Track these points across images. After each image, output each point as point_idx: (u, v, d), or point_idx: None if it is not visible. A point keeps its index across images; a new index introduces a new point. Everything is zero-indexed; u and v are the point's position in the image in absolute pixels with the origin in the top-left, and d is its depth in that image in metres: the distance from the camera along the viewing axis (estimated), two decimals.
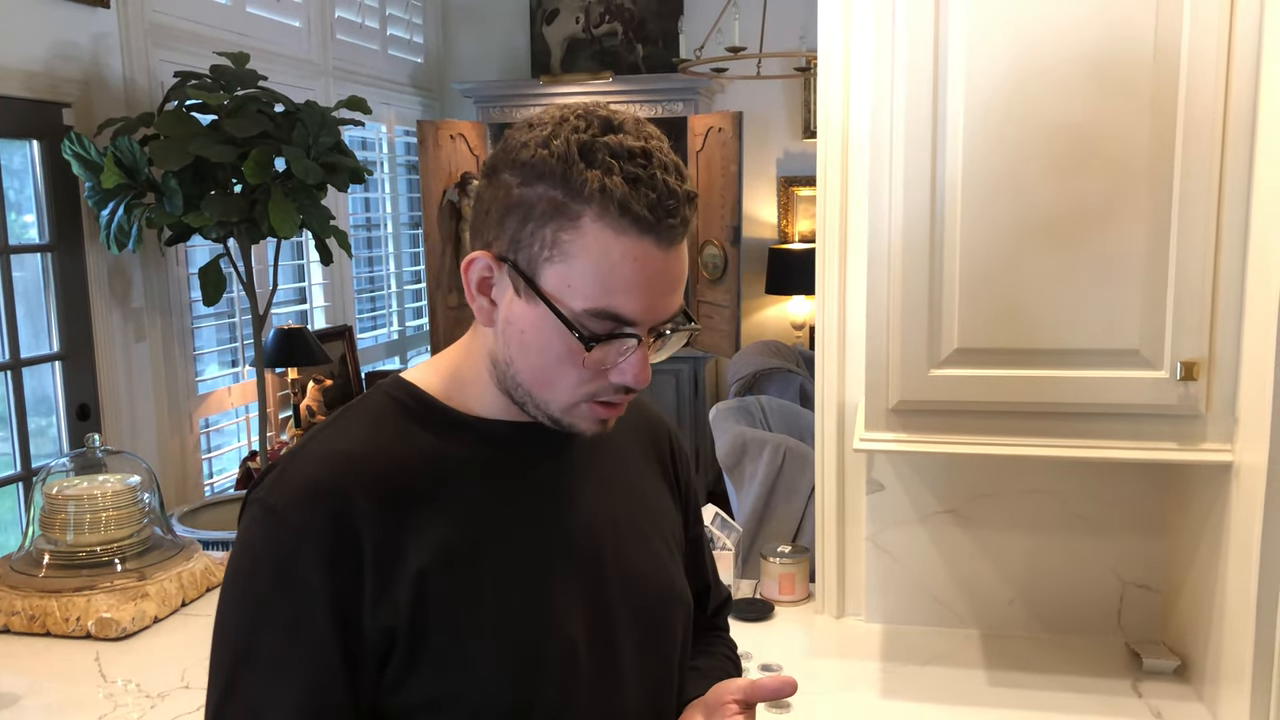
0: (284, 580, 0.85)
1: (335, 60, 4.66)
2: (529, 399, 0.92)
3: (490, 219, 0.88)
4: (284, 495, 0.88)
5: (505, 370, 0.91)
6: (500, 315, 0.90)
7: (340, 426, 0.94)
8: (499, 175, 0.87)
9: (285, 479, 0.89)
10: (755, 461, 3.36)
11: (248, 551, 0.88)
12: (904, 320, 1.54)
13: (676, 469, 1.14)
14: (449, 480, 0.92)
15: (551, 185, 0.84)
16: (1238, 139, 1.40)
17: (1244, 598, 1.42)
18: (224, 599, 0.89)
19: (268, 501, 0.88)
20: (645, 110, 5.30)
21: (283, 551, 0.86)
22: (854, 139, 1.81)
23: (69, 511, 1.98)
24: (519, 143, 0.87)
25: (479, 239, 0.90)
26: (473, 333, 0.96)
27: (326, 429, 0.94)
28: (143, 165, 3.02)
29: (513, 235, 0.86)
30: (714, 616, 1.23)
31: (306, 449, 0.92)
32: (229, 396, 4.08)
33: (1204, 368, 1.45)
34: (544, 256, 0.85)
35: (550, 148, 0.84)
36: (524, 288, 0.87)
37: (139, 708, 1.64)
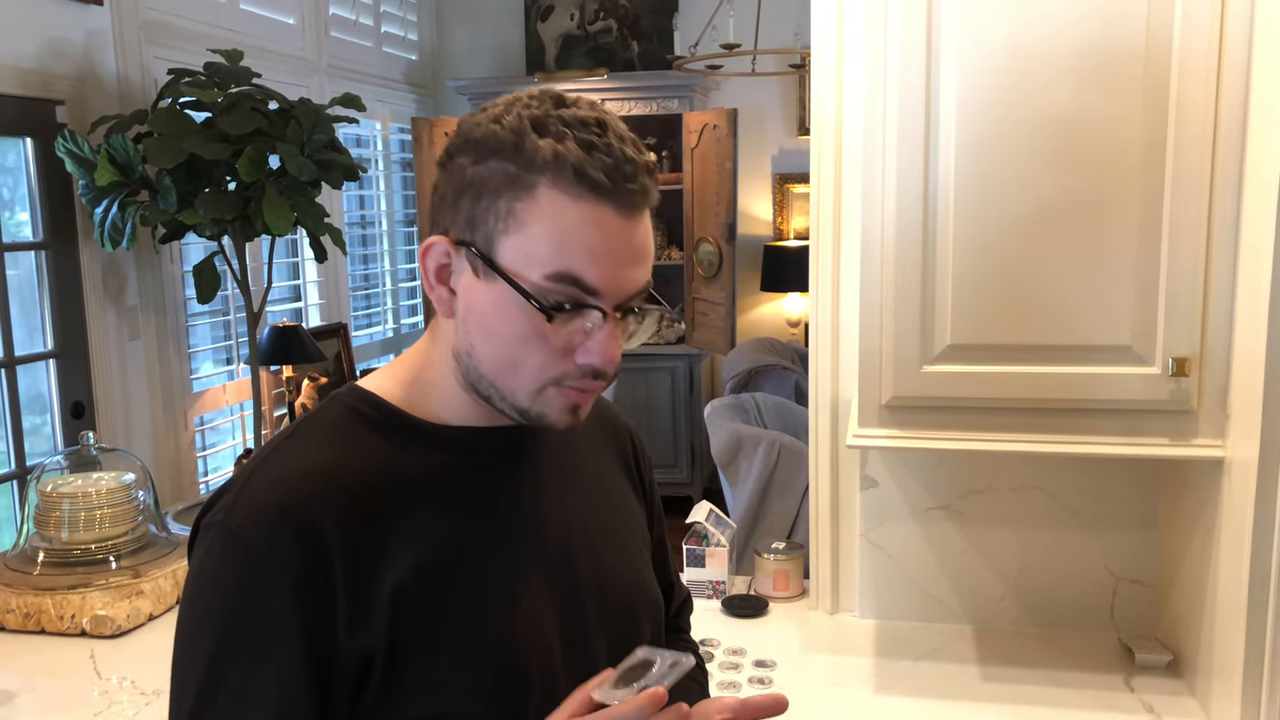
0: (250, 611, 0.81)
1: (329, 57, 4.65)
2: (494, 391, 0.88)
3: (446, 204, 0.86)
4: (244, 519, 0.83)
5: (468, 363, 0.88)
6: (460, 303, 0.87)
7: (297, 442, 0.89)
8: (454, 160, 0.86)
9: (243, 501, 0.84)
10: (750, 458, 3.37)
11: (207, 581, 0.83)
12: (897, 316, 1.54)
13: (640, 468, 1.12)
14: (416, 493, 0.88)
15: (505, 159, 0.82)
16: (1229, 134, 1.40)
17: (1235, 592, 1.43)
18: (183, 631, 0.84)
19: (227, 525, 0.83)
20: (640, 107, 5.31)
21: (248, 580, 0.81)
22: (847, 136, 1.81)
23: (63, 509, 1.98)
24: (471, 123, 0.85)
25: (436, 227, 0.87)
26: (431, 334, 0.93)
27: (282, 445, 0.89)
28: (137, 163, 3.01)
29: (468, 215, 0.84)
30: (676, 617, 1.22)
31: (263, 468, 0.87)
32: (224, 394, 4.08)
33: (1195, 363, 1.45)
34: (500, 230, 0.83)
35: (502, 123, 0.83)
36: (482, 267, 0.84)
37: (134, 705, 1.64)
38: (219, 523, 0.84)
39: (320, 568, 0.82)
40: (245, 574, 0.82)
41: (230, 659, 0.81)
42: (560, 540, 0.96)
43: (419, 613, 0.85)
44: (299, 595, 0.81)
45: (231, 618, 0.82)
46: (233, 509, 0.84)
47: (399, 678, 0.85)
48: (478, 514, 0.92)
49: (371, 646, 0.83)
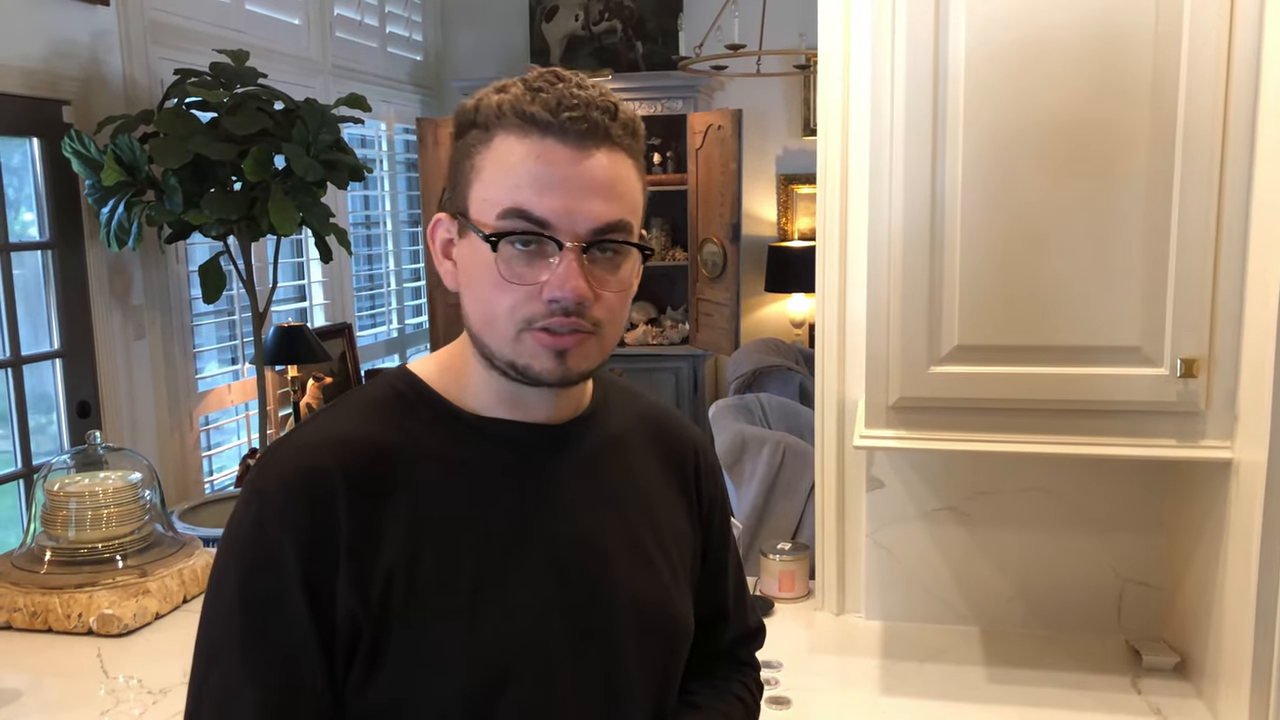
0: (263, 560, 0.86)
1: (334, 58, 4.66)
2: (489, 352, 0.90)
3: (448, 185, 0.92)
4: (270, 478, 0.88)
5: (471, 331, 0.91)
6: (460, 273, 0.91)
7: (337, 412, 0.94)
8: (453, 144, 0.92)
9: (274, 462, 0.90)
10: (755, 459, 3.37)
11: (233, 531, 0.89)
12: (904, 317, 1.54)
13: (699, 488, 1.09)
14: (433, 475, 0.90)
15: (474, 125, 0.89)
16: (1238, 135, 1.40)
17: (1243, 594, 1.43)
18: (210, 576, 0.91)
19: (256, 483, 0.89)
20: (645, 108, 5.30)
21: (264, 533, 0.86)
22: (854, 136, 1.81)
23: (70, 508, 1.98)
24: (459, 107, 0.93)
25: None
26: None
27: (324, 414, 0.95)
28: (143, 163, 3.02)
29: (453, 184, 0.90)
30: (735, 648, 1.17)
31: (301, 432, 0.93)
32: (229, 394, 4.08)
33: (1204, 365, 1.45)
34: (467, 186, 0.88)
35: (476, 97, 0.90)
36: (459, 226, 0.89)
37: (141, 704, 1.64)
38: (250, 480, 0.89)
39: (325, 529, 0.86)
40: (261, 528, 0.86)
41: (245, 603, 0.86)
42: (577, 548, 0.95)
43: (409, 593, 0.87)
44: (305, 551, 0.85)
45: (246, 564, 0.87)
46: (264, 469, 0.90)
47: (383, 653, 0.86)
48: (490, 506, 0.92)
49: (361, 615, 0.86)
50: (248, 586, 0.86)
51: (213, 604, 0.89)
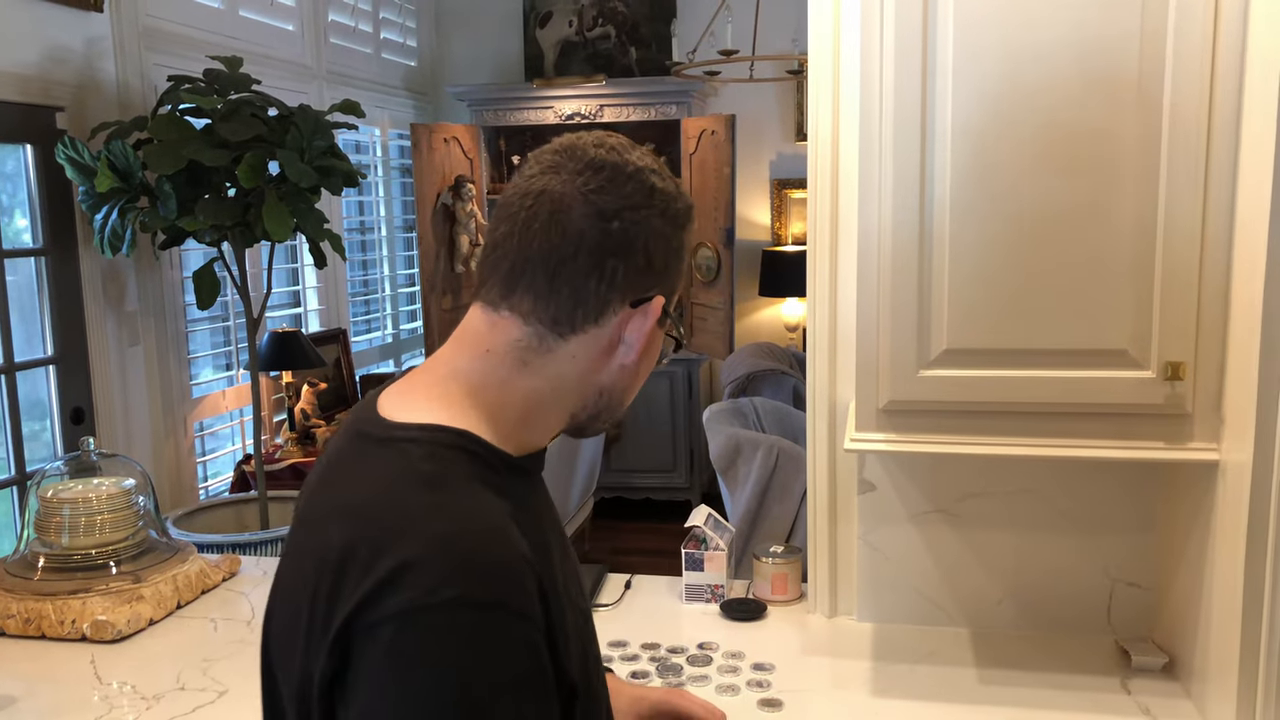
0: (529, 676, 0.78)
1: (328, 64, 4.67)
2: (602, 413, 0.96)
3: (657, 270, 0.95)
4: (487, 580, 0.77)
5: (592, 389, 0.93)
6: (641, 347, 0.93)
7: (451, 496, 0.82)
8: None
9: (466, 560, 0.77)
10: (749, 463, 3.38)
11: (477, 664, 0.75)
12: (894, 321, 1.55)
13: None
14: (537, 529, 0.88)
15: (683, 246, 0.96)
16: (1223, 138, 1.41)
17: (1230, 595, 1.44)
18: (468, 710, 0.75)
19: (474, 599, 0.76)
20: (638, 113, 5.32)
21: (518, 651, 0.77)
22: (844, 141, 1.83)
23: (64, 515, 1.99)
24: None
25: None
26: (520, 369, 0.90)
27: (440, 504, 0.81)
28: (136, 169, 3.02)
29: (666, 271, 0.94)
30: None
31: (436, 528, 0.79)
32: (223, 400, 4.09)
33: (1190, 368, 1.46)
34: (673, 285, 0.96)
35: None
36: (664, 314, 0.94)
37: (134, 710, 1.65)
38: (459, 598, 0.75)
39: (544, 613, 0.81)
40: (522, 637, 0.78)
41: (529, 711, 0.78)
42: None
43: (569, 644, 0.86)
44: (545, 645, 0.80)
45: (523, 696, 0.77)
46: (465, 573, 0.77)
47: (574, 711, 0.86)
48: (559, 546, 0.94)
49: (571, 684, 0.85)
50: (529, 694, 0.78)
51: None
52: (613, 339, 0.90)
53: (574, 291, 0.87)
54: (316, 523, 0.86)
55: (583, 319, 0.88)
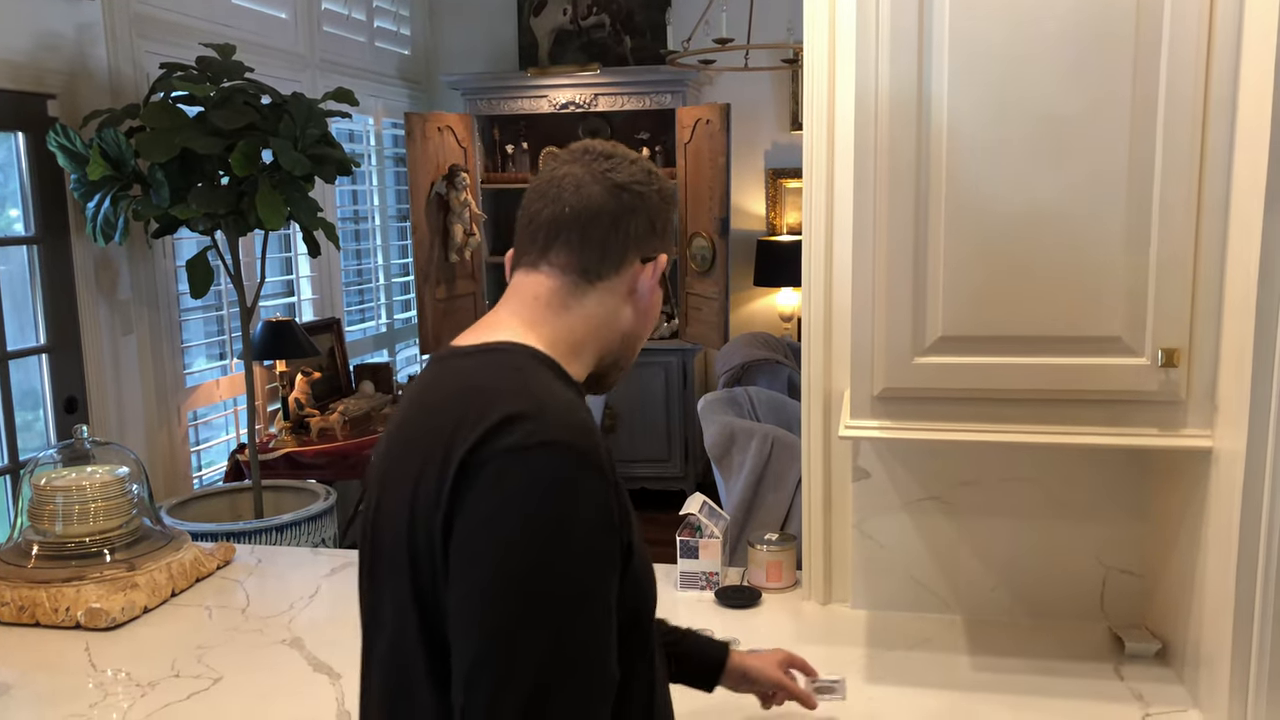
0: (604, 517, 0.94)
1: (322, 52, 4.65)
2: (622, 359, 1.15)
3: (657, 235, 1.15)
4: (575, 434, 0.95)
5: (614, 337, 1.13)
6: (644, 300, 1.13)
7: (534, 379, 1.02)
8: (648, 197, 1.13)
9: (559, 420, 0.96)
10: (743, 452, 3.38)
11: (565, 494, 0.93)
12: (889, 308, 1.55)
13: None
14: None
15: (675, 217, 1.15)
16: (1218, 124, 1.41)
17: (1223, 581, 1.44)
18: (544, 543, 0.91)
19: (565, 442, 0.94)
20: (633, 102, 5.31)
21: (598, 489, 0.94)
22: (839, 129, 1.82)
23: (57, 503, 1.99)
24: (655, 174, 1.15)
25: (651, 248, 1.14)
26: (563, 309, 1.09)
27: (521, 380, 1.01)
28: (129, 157, 3.01)
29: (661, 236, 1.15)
30: None
31: (536, 396, 0.98)
32: (217, 389, 4.08)
33: (1184, 354, 1.46)
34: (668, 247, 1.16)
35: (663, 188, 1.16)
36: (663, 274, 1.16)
37: (129, 697, 1.65)
38: (555, 440, 0.94)
39: (614, 476, 0.98)
40: (596, 482, 0.94)
41: (596, 568, 0.94)
42: None
43: (630, 525, 1.00)
44: (618, 505, 0.97)
45: (597, 534, 0.94)
46: (557, 427, 0.95)
47: (629, 573, 1.00)
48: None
49: (628, 542, 0.99)
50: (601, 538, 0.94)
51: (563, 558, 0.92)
52: (629, 287, 1.12)
53: (599, 245, 1.09)
54: (429, 412, 1.03)
55: (607, 268, 1.10)
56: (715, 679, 1.41)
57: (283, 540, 3.24)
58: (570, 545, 0.92)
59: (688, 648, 1.40)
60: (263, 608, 1.99)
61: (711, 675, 1.41)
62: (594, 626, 0.93)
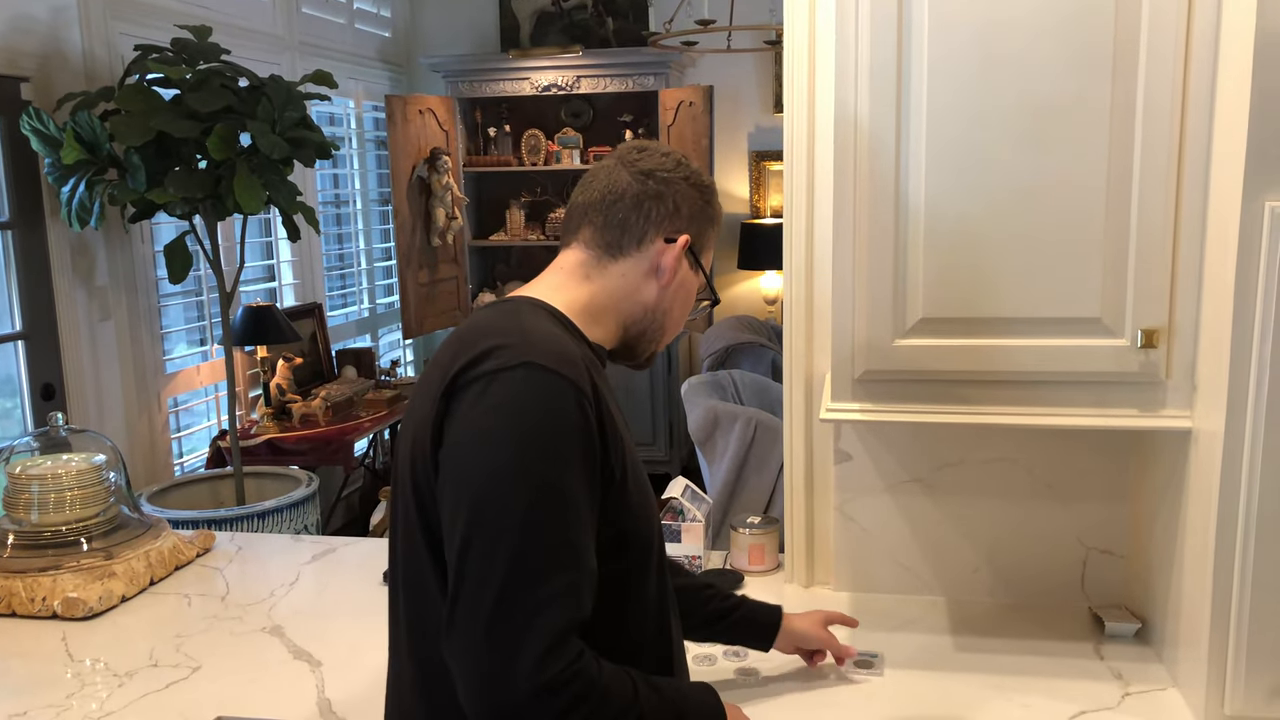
0: (571, 425, 1.03)
1: (300, 34, 4.60)
2: (648, 337, 1.26)
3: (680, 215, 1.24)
4: (550, 359, 1.04)
5: (640, 314, 1.23)
6: (676, 280, 1.23)
7: (531, 319, 1.12)
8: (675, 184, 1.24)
9: (539, 348, 1.06)
10: (727, 435, 3.38)
11: (535, 403, 1.02)
12: (869, 291, 1.55)
13: None
14: (600, 380, 1.13)
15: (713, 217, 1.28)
16: (1198, 106, 1.41)
17: (1202, 561, 1.45)
18: (515, 444, 1.01)
19: (540, 363, 1.04)
20: (615, 84, 5.28)
21: (567, 401, 1.03)
22: (820, 112, 1.81)
23: (33, 491, 1.96)
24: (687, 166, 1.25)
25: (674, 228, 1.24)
26: (587, 279, 1.21)
27: (522, 318, 1.12)
28: (103, 141, 2.97)
29: (699, 230, 1.25)
30: None
31: (525, 331, 1.09)
32: (198, 375, 4.05)
33: (1164, 335, 1.46)
34: (705, 244, 1.27)
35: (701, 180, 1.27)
36: (693, 261, 1.26)
37: (107, 687, 1.63)
38: (528, 362, 1.03)
39: (595, 404, 1.07)
40: (565, 398, 1.03)
41: (566, 465, 1.03)
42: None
43: (620, 449, 1.10)
44: (595, 423, 1.06)
45: (561, 429, 1.03)
46: (534, 351, 1.05)
47: (616, 498, 1.09)
48: (620, 414, 1.18)
49: (612, 467, 1.08)
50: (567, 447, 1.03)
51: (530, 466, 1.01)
52: (652, 265, 1.22)
53: (621, 223, 1.21)
54: (440, 357, 1.13)
55: (628, 244, 1.21)
56: (771, 639, 1.56)
57: (265, 527, 3.22)
58: (542, 446, 1.01)
59: (746, 612, 1.54)
60: (243, 595, 1.98)
61: (768, 635, 1.56)
62: (564, 524, 1.02)
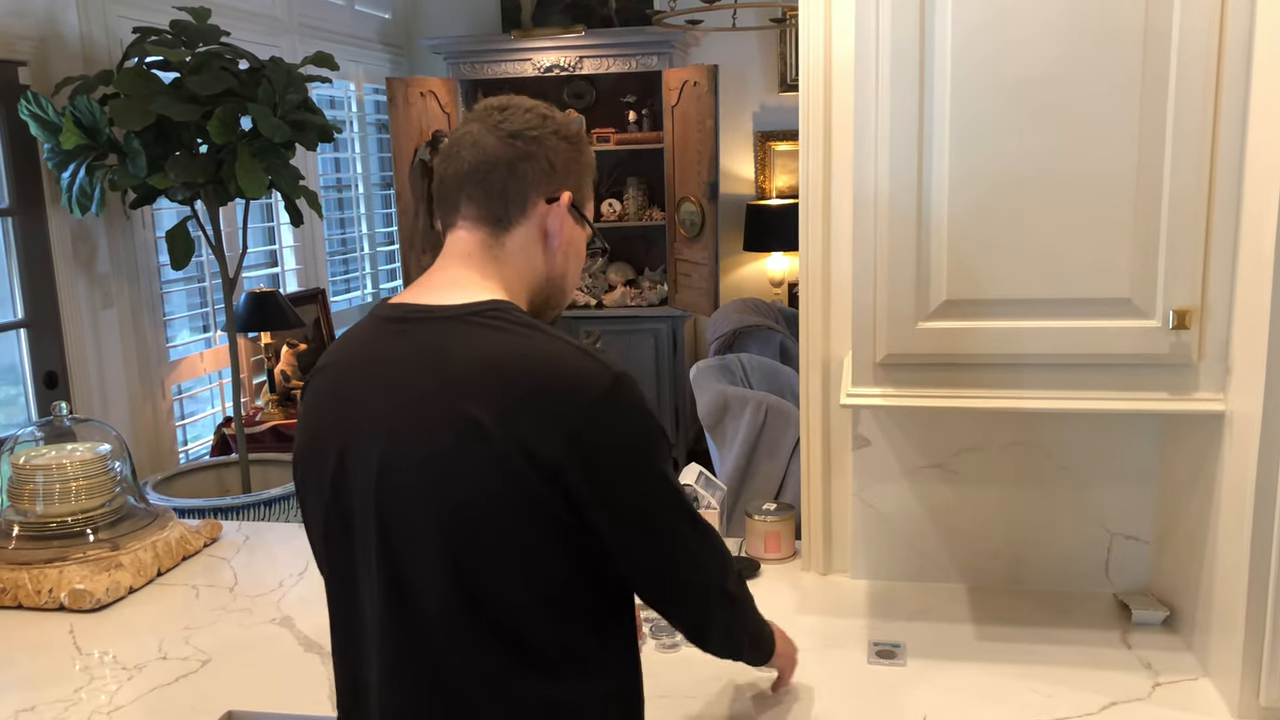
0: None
1: (300, 16, 4.54)
2: (561, 301, 1.22)
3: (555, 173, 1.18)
4: (622, 367, 1.08)
5: (541, 279, 1.18)
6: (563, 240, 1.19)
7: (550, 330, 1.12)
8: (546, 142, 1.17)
9: (609, 358, 1.09)
10: (737, 420, 3.34)
11: (651, 415, 1.09)
12: (891, 272, 1.51)
13: None
14: None
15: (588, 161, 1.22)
16: (1233, 74, 1.36)
17: (1236, 547, 1.41)
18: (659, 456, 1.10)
19: (636, 390, 1.08)
20: (618, 64, 5.22)
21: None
22: (837, 89, 1.77)
23: (37, 482, 1.93)
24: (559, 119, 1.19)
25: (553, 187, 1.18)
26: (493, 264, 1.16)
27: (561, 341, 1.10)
28: (103, 125, 2.93)
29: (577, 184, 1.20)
30: None
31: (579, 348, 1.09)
32: (201, 362, 4.02)
33: (1196, 315, 1.42)
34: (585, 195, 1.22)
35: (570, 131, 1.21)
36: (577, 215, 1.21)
37: (116, 680, 1.61)
38: (623, 373, 1.07)
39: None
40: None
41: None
42: None
43: None
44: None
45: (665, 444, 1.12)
46: (615, 363, 1.08)
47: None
48: None
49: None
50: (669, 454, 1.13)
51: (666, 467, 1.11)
52: (541, 229, 1.17)
53: (500, 193, 1.15)
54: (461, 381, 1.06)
55: (514, 213, 1.15)
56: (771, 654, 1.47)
57: (271, 515, 3.19)
58: (663, 456, 1.11)
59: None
60: (251, 586, 1.95)
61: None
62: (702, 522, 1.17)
